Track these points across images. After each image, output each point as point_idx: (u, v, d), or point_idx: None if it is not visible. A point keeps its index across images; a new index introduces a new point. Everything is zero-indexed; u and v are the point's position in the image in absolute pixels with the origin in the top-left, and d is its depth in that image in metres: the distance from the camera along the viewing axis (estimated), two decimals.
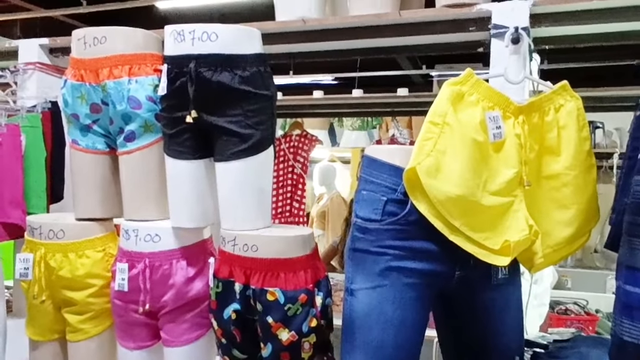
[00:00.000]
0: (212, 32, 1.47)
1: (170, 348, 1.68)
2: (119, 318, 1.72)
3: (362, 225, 1.41)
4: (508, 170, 1.37)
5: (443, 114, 1.33)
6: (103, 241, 1.76)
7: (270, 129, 1.59)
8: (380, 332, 1.37)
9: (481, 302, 1.46)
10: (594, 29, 1.83)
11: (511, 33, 1.53)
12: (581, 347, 1.54)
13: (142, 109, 1.63)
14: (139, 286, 1.63)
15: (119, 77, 1.61)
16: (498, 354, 1.48)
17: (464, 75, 1.37)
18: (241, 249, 1.51)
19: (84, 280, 1.72)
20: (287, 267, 1.49)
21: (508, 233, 1.36)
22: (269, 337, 1.49)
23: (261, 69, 1.53)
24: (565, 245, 1.46)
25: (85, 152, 1.74)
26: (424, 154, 1.31)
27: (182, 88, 1.51)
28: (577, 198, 1.42)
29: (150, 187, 1.69)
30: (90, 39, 1.63)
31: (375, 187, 1.40)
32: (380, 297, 1.38)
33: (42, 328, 1.81)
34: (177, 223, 1.64)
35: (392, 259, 1.37)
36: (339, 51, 2.25)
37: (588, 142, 1.43)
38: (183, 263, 1.65)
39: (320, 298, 1.52)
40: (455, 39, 1.99)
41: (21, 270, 1.74)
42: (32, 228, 1.75)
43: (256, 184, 1.57)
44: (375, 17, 1.93)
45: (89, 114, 1.69)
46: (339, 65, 4.58)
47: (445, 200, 1.30)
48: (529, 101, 1.42)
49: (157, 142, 1.67)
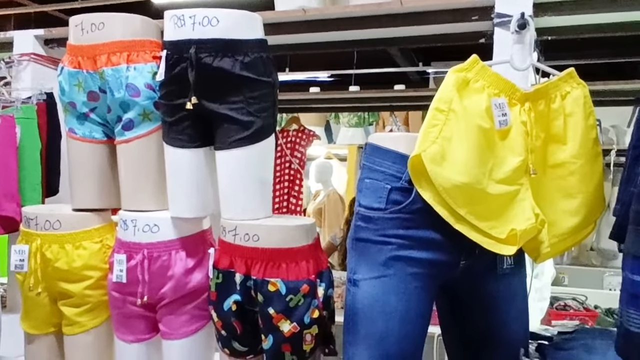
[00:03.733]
0: (213, 16, 1.45)
1: (169, 341, 1.66)
2: (116, 310, 1.69)
3: (366, 214, 1.38)
4: (514, 158, 1.36)
5: (449, 101, 1.31)
6: (100, 232, 1.73)
7: (272, 116, 1.56)
8: (384, 322, 1.35)
9: (486, 292, 1.44)
10: (597, 19, 1.82)
11: (517, 19, 1.51)
12: (586, 338, 1.52)
13: (140, 97, 1.60)
14: (137, 277, 1.60)
15: (117, 64, 1.59)
16: (503, 345, 1.46)
17: (469, 62, 1.35)
18: (242, 239, 1.48)
19: (80, 272, 1.69)
20: (289, 257, 1.47)
21: (514, 222, 1.34)
22: (270, 329, 1.47)
23: (263, 55, 1.50)
24: (571, 235, 1.44)
25: (82, 141, 1.70)
26: (430, 140, 1.29)
27: (182, 74, 1.48)
28: (584, 187, 1.41)
29: (149, 176, 1.66)
30: (88, 25, 1.60)
31: (379, 175, 1.38)
32: (384, 288, 1.35)
33: (38, 321, 1.78)
34: (176, 213, 1.62)
35: (396, 248, 1.35)
36: (338, 42, 2.23)
37: (594, 130, 1.42)
38: (182, 254, 1.62)
39: (322, 289, 1.50)
40: (457, 30, 1.98)
41: (16, 262, 1.70)
42: (28, 219, 1.72)
43: (257, 173, 1.55)
44: (376, 7, 1.91)
45: (86, 102, 1.66)
46: (336, 62, 4.58)
47: (451, 188, 1.28)
48: (535, 88, 1.41)
49: (156, 130, 1.64)
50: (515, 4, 1.67)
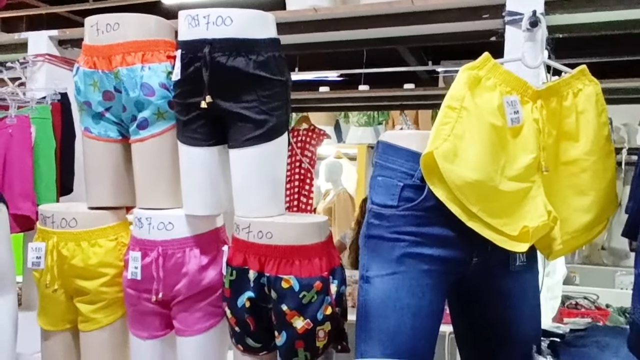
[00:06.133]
0: (227, 16, 1.46)
1: (183, 337, 1.67)
2: (131, 307, 1.70)
3: (378, 212, 1.39)
4: (526, 156, 1.36)
5: (460, 98, 1.32)
6: (115, 230, 1.75)
7: (285, 115, 1.57)
8: (396, 319, 1.36)
9: (498, 289, 1.45)
10: (608, 16, 1.81)
11: (529, 17, 1.52)
12: (598, 335, 1.52)
13: (155, 96, 1.62)
14: (152, 275, 1.62)
15: (132, 64, 1.60)
16: (515, 342, 1.47)
17: (481, 60, 1.36)
18: (255, 236, 1.50)
19: (96, 269, 1.71)
20: (302, 254, 1.48)
21: (526, 219, 1.35)
22: (284, 325, 1.48)
23: (276, 54, 1.51)
24: (584, 232, 1.44)
25: (97, 140, 1.72)
26: (442, 138, 1.30)
27: (196, 73, 1.49)
28: (596, 184, 1.41)
29: (163, 175, 1.67)
30: (103, 26, 1.62)
31: (391, 172, 1.39)
32: (397, 284, 1.36)
33: (54, 318, 1.80)
34: (190, 211, 1.63)
35: (408, 245, 1.36)
36: (348, 42, 2.24)
37: (607, 127, 1.41)
38: (196, 251, 1.64)
39: (335, 286, 1.51)
40: (468, 28, 1.97)
41: (33, 259, 1.72)
42: (45, 217, 1.74)
43: (270, 171, 1.56)
44: (387, 6, 1.92)
45: (101, 102, 1.68)
46: (345, 62, 4.58)
47: (463, 185, 1.29)
48: (547, 85, 1.41)
49: (170, 129, 1.65)
50: (526, 1, 1.66)
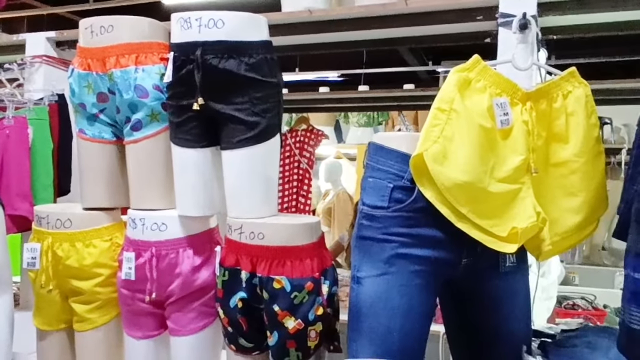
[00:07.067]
0: (219, 19, 1.47)
1: (177, 337, 1.68)
2: (125, 307, 1.72)
3: (369, 213, 1.40)
4: (515, 157, 1.37)
5: (450, 101, 1.32)
6: (110, 231, 1.76)
7: (277, 116, 1.58)
8: (387, 319, 1.37)
9: (488, 290, 1.46)
10: (602, 17, 1.82)
11: (519, 19, 1.52)
12: (589, 336, 1.52)
13: (148, 98, 1.63)
14: (145, 275, 1.63)
15: (125, 66, 1.61)
16: (505, 342, 1.47)
17: (471, 62, 1.37)
18: (247, 237, 1.51)
19: (91, 269, 1.72)
20: (294, 255, 1.49)
21: (515, 220, 1.35)
22: (275, 326, 1.49)
23: (268, 57, 1.52)
24: (574, 233, 1.44)
25: (92, 141, 1.74)
26: (431, 140, 1.31)
27: (188, 75, 1.50)
28: (585, 185, 1.41)
29: (157, 176, 1.69)
30: (97, 28, 1.63)
31: (381, 174, 1.40)
32: (387, 285, 1.37)
33: (50, 318, 1.81)
34: (184, 211, 1.64)
35: (398, 246, 1.36)
36: (346, 43, 2.25)
37: (597, 128, 1.42)
38: (189, 252, 1.65)
39: (327, 286, 1.52)
40: (462, 29, 1.99)
41: (29, 259, 1.74)
42: (40, 217, 1.76)
43: (262, 172, 1.57)
44: (381, 7, 1.93)
45: (95, 103, 1.69)
46: (345, 62, 4.59)
47: (452, 186, 1.30)
48: (536, 87, 1.41)
49: (164, 131, 1.67)
50: (519, 3, 1.68)
